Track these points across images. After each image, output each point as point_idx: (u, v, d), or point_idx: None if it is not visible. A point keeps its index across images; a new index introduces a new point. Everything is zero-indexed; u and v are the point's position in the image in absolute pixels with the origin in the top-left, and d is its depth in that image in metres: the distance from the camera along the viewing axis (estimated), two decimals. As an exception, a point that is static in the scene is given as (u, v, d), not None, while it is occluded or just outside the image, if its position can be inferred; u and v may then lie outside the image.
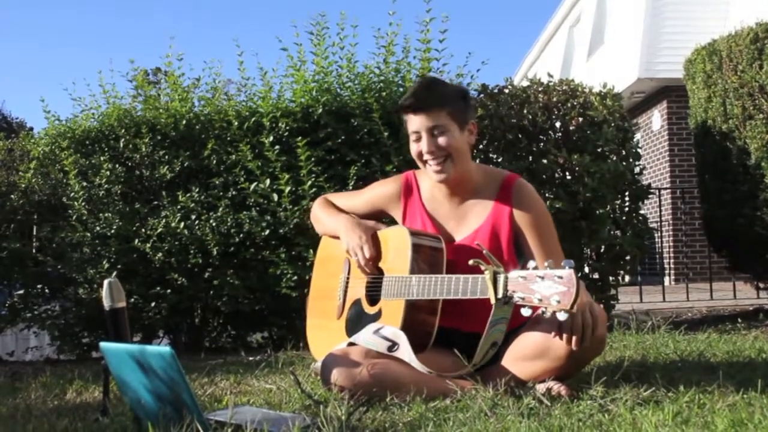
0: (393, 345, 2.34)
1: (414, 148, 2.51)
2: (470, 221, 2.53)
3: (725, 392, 2.14)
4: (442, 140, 2.44)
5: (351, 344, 2.47)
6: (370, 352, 2.35)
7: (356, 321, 2.60)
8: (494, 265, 2.10)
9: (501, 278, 2.09)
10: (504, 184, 2.52)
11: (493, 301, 2.10)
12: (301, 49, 4.64)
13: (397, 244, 2.51)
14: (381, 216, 2.76)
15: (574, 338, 2.13)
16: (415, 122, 2.47)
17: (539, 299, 1.99)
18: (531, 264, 2.04)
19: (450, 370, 2.33)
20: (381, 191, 2.73)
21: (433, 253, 2.45)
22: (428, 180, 2.60)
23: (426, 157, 2.47)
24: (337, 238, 2.73)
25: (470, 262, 2.16)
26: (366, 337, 2.41)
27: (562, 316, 1.96)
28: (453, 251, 2.47)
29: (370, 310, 2.56)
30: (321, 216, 2.85)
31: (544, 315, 2.00)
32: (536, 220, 2.46)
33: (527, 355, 2.30)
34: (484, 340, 2.18)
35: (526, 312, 2.03)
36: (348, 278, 2.73)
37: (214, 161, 4.62)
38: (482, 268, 2.12)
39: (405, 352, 2.31)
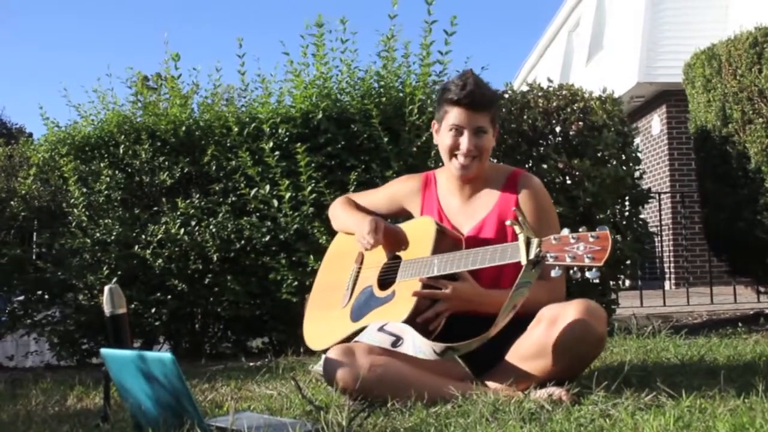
0: (397, 340, 2.33)
1: (448, 141, 2.54)
2: (478, 211, 2.59)
3: (726, 396, 2.13)
4: (481, 141, 2.52)
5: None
6: (374, 349, 2.34)
7: (363, 305, 2.58)
8: (527, 231, 2.12)
9: (534, 241, 2.10)
10: (510, 176, 2.61)
11: (524, 262, 2.11)
12: (304, 52, 4.64)
13: (420, 231, 2.54)
14: (400, 213, 2.80)
15: None
16: (459, 117, 2.51)
17: (572, 257, 2.01)
18: (565, 231, 2.07)
19: (455, 369, 2.34)
20: (402, 186, 2.80)
21: (455, 243, 2.49)
22: (444, 177, 2.69)
23: (461, 153, 2.52)
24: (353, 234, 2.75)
25: (507, 222, 2.20)
26: (370, 335, 2.40)
27: (592, 274, 1.98)
28: (468, 245, 2.50)
29: (381, 293, 2.55)
30: (339, 213, 2.87)
31: (573, 275, 2.01)
32: (540, 208, 2.53)
33: (527, 354, 2.31)
34: (508, 301, 2.19)
35: (555, 273, 2.05)
36: (360, 268, 2.73)
37: (214, 167, 4.62)
38: (517, 231, 2.14)
39: (410, 346, 2.30)
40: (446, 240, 2.48)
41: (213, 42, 61.27)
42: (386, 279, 2.58)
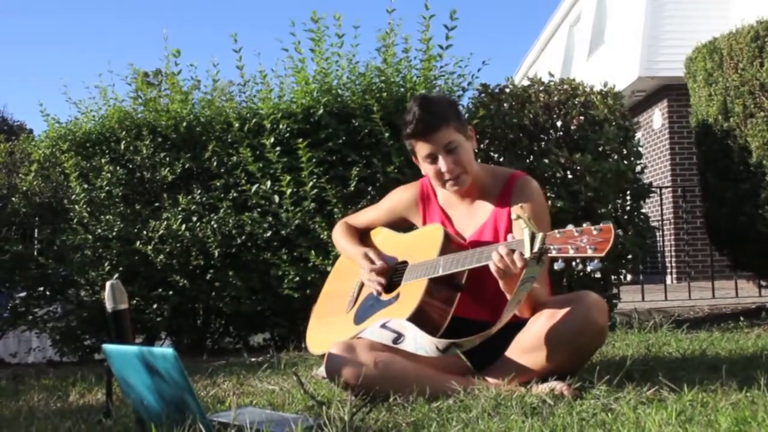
0: (398, 337, 2.34)
1: (430, 170, 2.55)
2: (477, 218, 2.60)
3: (728, 391, 2.13)
4: (458, 156, 2.50)
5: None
6: (375, 345, 2.35)
7: (368, 309, 2.61)
8: (531, 226, 2.13)
9: (539, 236, 2.11)
10: (508, 181, 2.60)
11: (527, 255, 2.11)
12: (297, 48, 4.62)
13: (428, 237, 2.56)
14: (403, 223, 2.82)
15: None
16: (424, 147, 2.52)
17: (575, 249, 2.02)
18: (570, 226, 2.08)
19: (456, 364, 2.34)
20: (399, 198, 2.81)
21: (460, 249, 2.49)
22: None
23: (446, 176, 2.52)
24: None
25: (513, 216, 2.19)
26: (372, 332, 2.41)
27: (593, 266, 1.99)
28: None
29: (386, 296, 2.57)
30: (342, 243, 2.91)
31: (575, 267, 2.02)
32: (530, 211, 2.49)
33: (528, 347, 2.32)
34: (513, 296, 2.20)
35: (558, 266, 2.06)
36: None
37: (215, 163, 4.62)
38: (522, 225, 2.14)
39: (410, 343, 2.31)
40: (452, 246, 2.49)
41: (213, 41, 61.06)
42: (393, 283, 2.60)
